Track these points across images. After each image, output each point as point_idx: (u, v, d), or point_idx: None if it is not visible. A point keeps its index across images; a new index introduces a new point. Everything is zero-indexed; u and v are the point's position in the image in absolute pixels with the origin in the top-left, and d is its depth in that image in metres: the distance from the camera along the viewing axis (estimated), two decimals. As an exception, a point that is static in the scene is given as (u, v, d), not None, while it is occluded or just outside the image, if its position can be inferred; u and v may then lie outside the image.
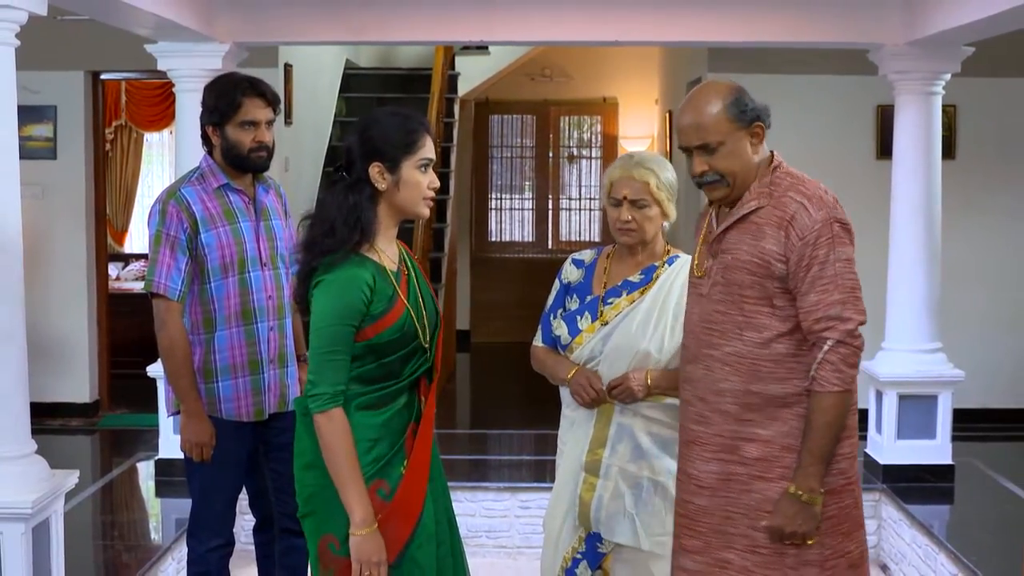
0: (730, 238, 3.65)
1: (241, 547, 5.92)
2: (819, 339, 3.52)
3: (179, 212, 4.70)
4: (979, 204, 9.43)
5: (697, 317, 3.74)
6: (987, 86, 9.25)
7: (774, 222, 3.56)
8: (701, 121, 3.61)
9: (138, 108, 13.40)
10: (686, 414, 3.79)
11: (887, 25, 7.39)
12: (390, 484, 3.63)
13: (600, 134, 15.83)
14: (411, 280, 3.80)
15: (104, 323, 10.05)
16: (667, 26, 7.59)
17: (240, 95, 4.73)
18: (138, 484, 7.91)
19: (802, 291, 3.53)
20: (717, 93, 3.65)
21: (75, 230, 9.77)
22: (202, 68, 7.32)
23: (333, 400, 3.55)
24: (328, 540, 3.65)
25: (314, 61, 11.28)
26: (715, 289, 3.67)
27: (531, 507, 7.25)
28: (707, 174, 3.63)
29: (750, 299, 3.60)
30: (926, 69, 7.43)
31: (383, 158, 3.65)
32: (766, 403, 3.60)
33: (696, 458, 3.72)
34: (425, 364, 3.78)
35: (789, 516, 3.56)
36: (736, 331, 3.62)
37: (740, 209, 3.64)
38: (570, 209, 16.07)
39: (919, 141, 7.52)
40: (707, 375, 3.67)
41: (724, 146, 3.60)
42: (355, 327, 3.57)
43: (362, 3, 7.58)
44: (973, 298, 9.36)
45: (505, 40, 9.40)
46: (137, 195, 14.34)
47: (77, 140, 9.75)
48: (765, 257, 3.56)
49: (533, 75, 15.27)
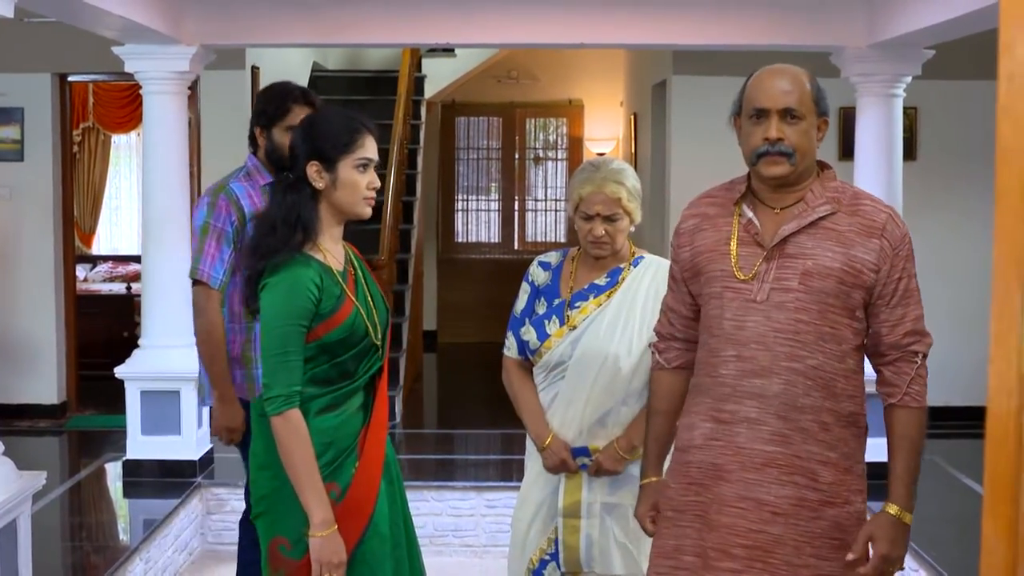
0: (802, 242, 3.36)
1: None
2: (907, 353, 3.40)
3: (228, 206, 4.85)
4: (939, 204, 9.49)
5: (763, 327, 3.36)
6: (947, 88, 9.31)
7: (861, 230, 3.35)
8: (794, 87, 3.38)
9: (106, 110, 13.35)
10: (755, 434, 3.36)
11: (849, 28, 7.43)
12: (341, 486, 3.62)
13: (566, 136, 15.86)
14: (358, 279, 3.78)
15: (72, 324, 10.00)
16: (632, 29, 7.62)
17: (290, 101, 4.86)
18: (106, 485, 7.87)
19: (890, 304, 3.38)
20: (805, 72, 3.46)
21: (43, 232, 9.72)
22: (169, 70, 7.32)
23: (288, 402, 3.52)
24: (279, 542, 3.63)
25: (281, 63, 11.26)
26: (787, 296, 3.33)
27: (497, 506, 7.26)
28: (783, 142, 3.34)
29: (834, 309, 3.34)
30: (887, 72, 7.48)
31: (320, 157, 3.65)
32: (836, 421, 3.37)
33: (772, 482, 3.35)
34: (377, 363, 3.76)
35: (896, 541, 3.37)
36: (819, 343, 3.34)
37: (810, 212, 3.37)
38: (536, 210, 16.09)
39: (881, 142, 7.57)
40: (787, 390, 3.33)
41: (805, 121, 3.38)
42: (305, 327, 3.55)
43: (329, 5, 7.57)
44: (935, 297, 9.32)
45: (471, 43, 9.43)
46: (105, 197, 14.30)
47: (44, 142, 9.70)
48: (856, 266, 3.32)
49: (499, 77, 15.28)
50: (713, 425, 3.42)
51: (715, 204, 3.57)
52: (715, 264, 3.46)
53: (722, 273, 3.43)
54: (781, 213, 3.42)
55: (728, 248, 3.45)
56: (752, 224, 3.43)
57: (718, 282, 3.44)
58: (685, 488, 3.47)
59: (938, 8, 6.31)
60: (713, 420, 3.42)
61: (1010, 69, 1.12)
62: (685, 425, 3.54)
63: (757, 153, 3.37)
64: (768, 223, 3.42)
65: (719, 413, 3.40)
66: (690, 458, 3.46)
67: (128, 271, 13.04)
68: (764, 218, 3.43)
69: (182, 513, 7.08)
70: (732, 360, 3.39)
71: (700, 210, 3.60)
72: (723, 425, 3.40)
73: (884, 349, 3.42)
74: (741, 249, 3.42)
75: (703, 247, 3.51)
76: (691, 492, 3.45)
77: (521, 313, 4.40)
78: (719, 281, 3.44)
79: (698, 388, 3.52)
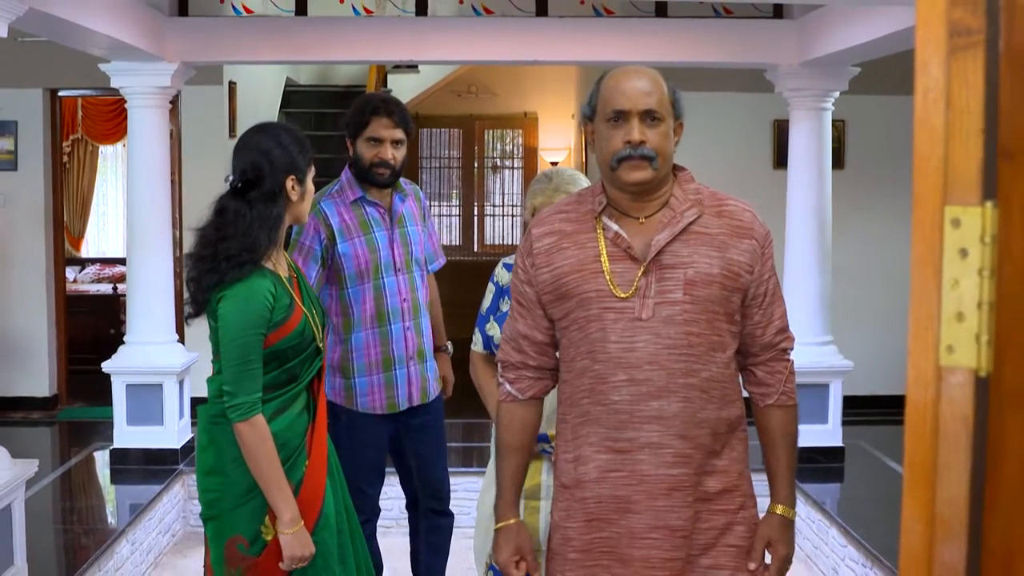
0: (678, 251, 2.95)
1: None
2: (778, 352, 3.11)
3: (317, 224, 4.67)
4: (866, 209, 9.53)
5: (654, 345, 2.93)
6: (872, 103, 9.35)
7: (732, 231, 2.99)
8: (654, 88, 2.99)
9: (93, 123, 13.25)
10: (659, 459, 2.96)
11: (782, 47, 7.47)
12: (294, 483, 3.59)
13: (521, 146, 15.86)
14: (301, 285, 3.76)
15: (62, 322, 9.92)
16: (582, 47, 7.63)
17: (369, 113, 4.70)
18: (95, 472, 7.82)
19: (763, 304, 3.05)
20: (659, 74, 3.08)
21: (35, 236, 9.64)
22: (152, 86, 7.30)
23: (252, 408, 3.48)
24: (237, 541, 3.58)
25: (257, 79, 11.21)
26: (674, 310, 2.92)
27: (458, 491, 7.23)
28: (645, 145, 2.93)
29: (719, 316, 2.97)
30: (817, 87, 7.52)
31: (296, 171, 3.64)
32: (728, 429, 3.03)
33: (681, 506, 2.97)
34: (318, 364, 3.74)
35: (791, 540, 3.13)
36: (711, 353, 2.96)
37: (679, 219, 2.97)
38: (494, 215, 16.09)
39: (812, 152, 7.61)
40: (685, 407, 2.93)
41: (664, 124, 2.98)
42: (263, 335, 3.50)
43: (301, 25, 7.57)
44: (862, 294, 9.46)
45: (433, 59, 9.40)
46: (93, 203, 14.19)
47: (36, 153, 9.62)
48: (734, 268, 2.96)
49: (460, 92, 15.27)
50: (610, 456, 2.98)
51: (569, 220, 3.10)
52: (587, 284, 2.99)
53: (597, 293, 2.97)
54: (646, 223, 3.01)
55: (599, 266, 2.98)
56: (620, 237, 2.98)
57: (594, 303, 2.97)
58: (586, 526, 3.04)
59: (862, 29, 6.37)
60: (609, 451, 2.98)
61: (925, 85, 1.12)
62: (571, 459, 3.07)
63: (618, 157, 2.95)
64: (636, 235, 2.99)
65: (615, 443, 2.97)
66: (586, 494, 3.03)
67: (114, 272, 12.95)
68: (630, 230, 3.00)
69: (165, 498, 7.05)
70: (624, 384, 2.95)
71: (555, 227, 3.11)
72: (622, 455, 2.97)
73: (757, 350, 3.11)
74: (614, 265, 2.97)
75: (567, 267, 3.03)
76: (594, 529, 3.03)
77: (487, 311, 4.40)
78: (595, 302, 2.97)
79: (585, 419, 3.03)
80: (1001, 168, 1.07)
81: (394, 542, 6.26)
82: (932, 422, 1.12)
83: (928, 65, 1.12)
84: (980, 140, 1.08)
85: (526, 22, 7.66)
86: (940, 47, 1.11)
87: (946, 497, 1.11)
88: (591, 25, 7.63)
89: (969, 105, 1.09)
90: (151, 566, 6.66)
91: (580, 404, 3.03)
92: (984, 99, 1.08)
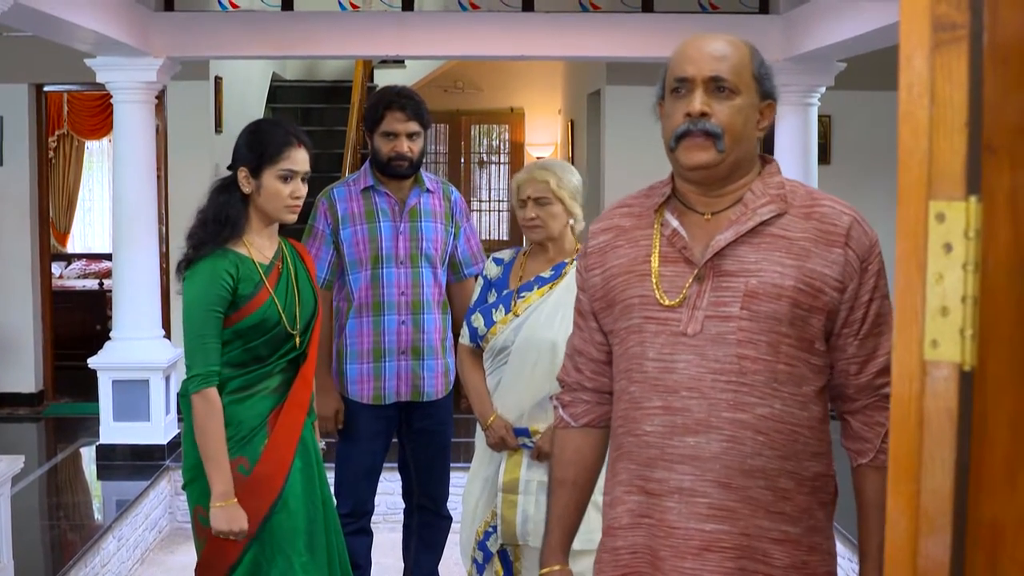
0: (743, 255, 2.37)
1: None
2: (879, 397, 2.42)
3: (326, 209, 4.79)
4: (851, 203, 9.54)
5: (696, 368, 2.35)
6: (858, 98, 9.37)
7: (819, 238, 2.38)
8: (728, 53, 2.41)
9: (79, 118, 13.24)
10: (689, 509, 2.35)
11: (768, 42, 7.46)
12: (250, 460, 3.68)
13: (508, 141, 15.88)
14: (286, 274, 3.82)
15: (48, 318, 9.90)
16: (568, 42, 7.64)
17: (383, 108, 4.74)
18: (81, 468, 7.80)
19: (860, 333, 2.39)
20: (747, 44, 2.48)
21: (20, 232, 9.61)
22: (138, 80, 7.29)
23: (206, 381, 3.61)
24: (199, 511, 3.71)
25: (243, 74, 11.18)
26: (727, 327, 2.34)
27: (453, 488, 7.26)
28: (708, 119, 2.37)
29: (788, 340, 2.34)
30: (803, 83, 7.53)
31: (248, 164, 3.74)
32: (797, 488, 2.38)
33: (715, 570, 2.33)
34: (293, 351, 3.80)
35: None
36: (773, 385, 2.33)
37: (751, 216, 2.39)
38: (481, 210, 16.10)
39: (797, 147, 7.61)
40: (731, 449, 2.32)
41: (739, 97, 2.39)
42: (221, 313, 3.64)
43: (287, 20, 7.55)
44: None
45: (419, 55, 9.40)
46: (79, 199, 14.18)
47: (22, 148, 9.59)
48: (815, 283, 2.34)
49: (446, 87, 15.27)
50: (641, 498, 2.43)
51: (630, 214, 2.57)
52: (632, 289, 2.46)
53: (641, 300, 2.43)
54: (712, 220, 2.43)
55: (647, 267, 2.45)
56: (677, 235, 2.43)
57: (636, 311, 2.44)
58: None
59: (847, 25, 6.38)
60: (640, 491, 2.43)
61: (909, 79, 1.12)
62: (608, 502, 2.54)
63: (677, 134, 2.40)
64: (698, 233, 2.43)
65: (646, 483, 2.41)
66: (619, 543, 2.48)
67: (101, 268, 12.92)
68: (692, 227, 2.44)
69: (152, 494, 7.04)
70: (658, 413, 2.38)
71: (613, 223, 2.59)
72: (652, 498, 2.40)
73: (852, 392, 2.45)
74: (665, 268, 2.42)
75: (617, 268, 2.51)
76: None
77: (475, 304, 4.42)
78: (638, 310, 2.43)
79: (620, 451, 2.49)
80: (985, 162, 1.07)
81: (390, 537, 6.25)
82: (917, 416, 1.12)
83: (912, 60, 1.12)
84: (964, 135, 1.09)
85: (512, 17, 7.66)
86: (924, 41, 1.11)
87: (930, 490, 1.11)
88: (577, 20, 7.64)
89: (953, 100, 1.09)
90: (137, 562, 6.65)
91: (616, 434, 2.53)
92: (968, 94, 1.08)
